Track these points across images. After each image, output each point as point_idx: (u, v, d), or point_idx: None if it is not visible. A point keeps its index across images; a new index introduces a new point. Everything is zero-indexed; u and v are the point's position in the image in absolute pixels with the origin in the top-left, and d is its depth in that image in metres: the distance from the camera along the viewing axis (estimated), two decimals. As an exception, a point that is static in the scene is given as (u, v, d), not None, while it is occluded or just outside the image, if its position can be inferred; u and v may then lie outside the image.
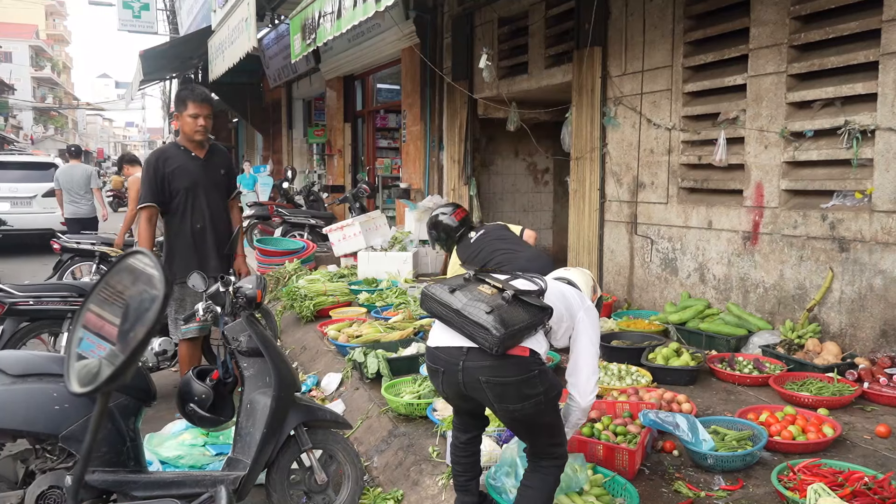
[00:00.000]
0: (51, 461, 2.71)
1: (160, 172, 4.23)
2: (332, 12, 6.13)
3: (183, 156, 4.29)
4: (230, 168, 4.53)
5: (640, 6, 5.67)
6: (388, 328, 5.16)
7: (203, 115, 4.22)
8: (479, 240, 4.84)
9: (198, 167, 4.30)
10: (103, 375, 1.48)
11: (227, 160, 4.54)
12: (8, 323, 4.61)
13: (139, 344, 1.46)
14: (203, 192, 4.29)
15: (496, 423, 3.18)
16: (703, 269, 5.27)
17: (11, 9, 52.75)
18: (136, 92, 16.92)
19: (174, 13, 20.90)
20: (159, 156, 4.30)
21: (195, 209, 4.27)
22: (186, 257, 4.24)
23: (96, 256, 7.57)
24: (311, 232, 9.97)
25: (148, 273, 1.56)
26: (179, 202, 4.25)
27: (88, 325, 1.65)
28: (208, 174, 4.33)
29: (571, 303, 2.63)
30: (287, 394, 2.97)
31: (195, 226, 4.28)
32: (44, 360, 2.74)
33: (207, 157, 4.36)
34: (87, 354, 1.60)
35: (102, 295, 1.66)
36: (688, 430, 2.98)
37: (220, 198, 4.40)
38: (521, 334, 2.34)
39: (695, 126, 5.31)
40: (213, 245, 4.32)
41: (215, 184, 4.37)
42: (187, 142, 4.30)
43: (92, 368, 1.55)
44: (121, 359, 1.47)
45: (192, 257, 4.24)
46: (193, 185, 4.26)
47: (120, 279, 1.66)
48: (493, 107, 7.90)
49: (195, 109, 4.19)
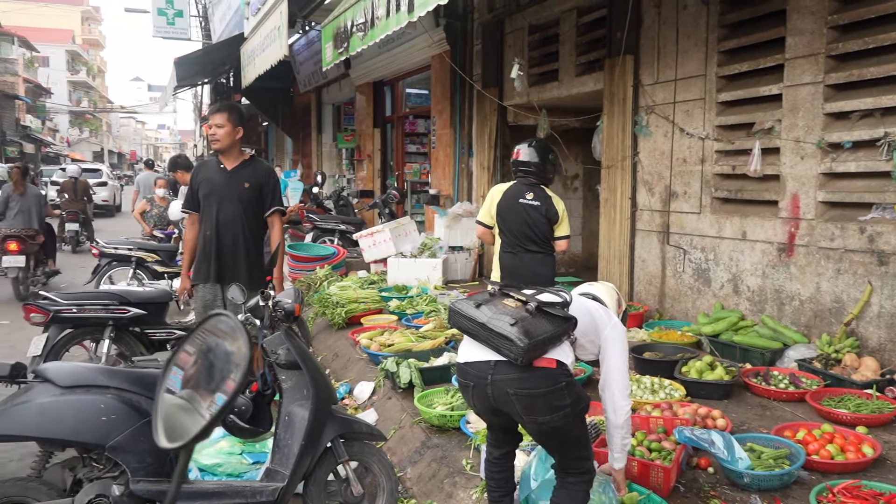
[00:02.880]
0: (97, 470, 2.78)
1: (194, 181, 4.54)
2: (365, 22, 6.20)
3: (213, 166, 4.51)
4: (263, 184, 4.50)
5: (673, 15, 5.64)
6: (420, 337, 5.19)
7: (214, 124, 4.38)
8: (524, 207, 4.62)
9: (221, 178, 4.44)
10: (189, 434, 1.53)
11: (259, 176, 4.51)
12: (52, 330, 4.73)
13: (223, 407, 1.51)
14: (217, 201, 4.42)
15: (529, 439, 3.19)
16: (736, 280, 5.23)
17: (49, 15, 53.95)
18: (170, 97, 17.20)
19: (207, 20, 21.23)
20: (199, 166, 4.62)
21: (207, 217, 4.45)
22: (199, 262, 4.51)
23: (133, 262, 7.75)
24: (341, 237, 10.06)
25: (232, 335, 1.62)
26: (202, 210, 4.49)
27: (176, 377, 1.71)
28: (229, 185, 4.43)
29: (597, 318, 2.65)
30: (324, 406, 3.02)
31: (205, 233, 4.46)
32: (92, 372, 2.83)
33: (235, 170, 4.45)
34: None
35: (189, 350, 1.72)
36: (723, 448, 2.97)
37: (237, 209, 4.43)
38: (546, 345, 2.37)
39: (728, 136, 5.27)
40: (215, 253, 4.41)
41: (235, 196, 4.43)
42: (219, 152, 4.47)
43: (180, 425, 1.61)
44: (205, 421, 1.52)
45: (203, 262, 4.47)
46: (210, 194, 4.45)
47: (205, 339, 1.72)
48: (522, 114, 7.90)
49: (210, 119, 4.44)
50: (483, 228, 4.93)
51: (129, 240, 8.46)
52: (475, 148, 8.76)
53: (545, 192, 4.68)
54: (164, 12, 20.02)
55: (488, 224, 4.87)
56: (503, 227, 4.73)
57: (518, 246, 4.67)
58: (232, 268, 4.42)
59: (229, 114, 4.40)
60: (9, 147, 39.58)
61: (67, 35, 58.09)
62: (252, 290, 3.48)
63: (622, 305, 2.94)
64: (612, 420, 2.64)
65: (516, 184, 4.73)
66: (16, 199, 9.04)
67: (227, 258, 4.42)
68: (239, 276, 4.31)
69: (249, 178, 4.47)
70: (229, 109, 4.45)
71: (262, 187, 4.51)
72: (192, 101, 34.56)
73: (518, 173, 4.73)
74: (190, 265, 4.59)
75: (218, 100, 19.67)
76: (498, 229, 4.80)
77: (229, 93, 18.73)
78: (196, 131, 40.54)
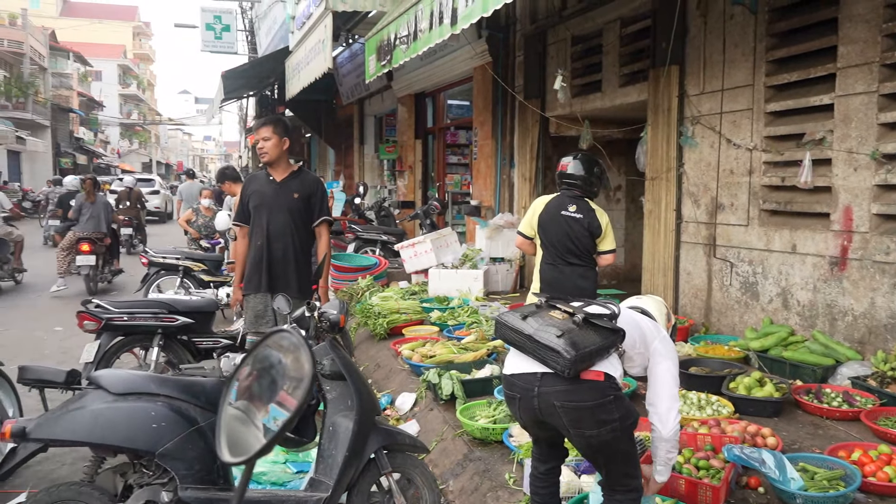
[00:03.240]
0: (147, 476, 2.84)
1: (245, 193, 4.64)
2: (408, 34, 6.26)
3: (263, 178, 4.60)
4: (311, 194, 4.58)
5: (719, 24, 5.56)
6: (462, 348, 5.19)
7: (261, 137, 4.48)
8: (566, 219, 4.60)
9: (270, 189, 4.52)
10: (252, 450, 1.56)
11: (308, 186, 4.59)
12: (104, 337, 4.86)
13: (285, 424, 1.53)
14: (266, 213, 4.49)
15: (575, 454, 3.16)
16: (786, 294, 5.10)
17: (102, 31, 55.78)
18: (217, 109, 17.62)
19: (253, 34, 21.70)
20: (250, 179, 4.70)
21: (258, 227, 4.52)
22: (250, 272, 4.57)
23: (180, 271, 7.93)
24: (382, 248, 10.13)
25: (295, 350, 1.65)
26: (252, 221, 4.57)
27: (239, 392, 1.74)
28: (278, 196, 4.50)
29: (646, 332, 2.61)
30: (368, 418, 3.04)
31: (256, 243, 4.53)
32: (143, 380, 2.89)
33: (284, 181, 4.54)
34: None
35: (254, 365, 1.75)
36: (775, 468, 2.89)
37: (287, 220, 4.51)
38: (594, 357, 2.34)
39: (778, 146, 5.16)
40: (266, 263, 4.48)
41: (285, 206, 4.50)
42: (267, 164, 4.55)
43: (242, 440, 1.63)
44: (270, 435, 1.55)
45: (254, 272, 4.54)
46: (261, 204, 4.52)
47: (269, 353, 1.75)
48: (565, 125, 7.87)
49: (259, 133, 4.52)
50: (523, 239, 4.90)
51: (177, 249, 8.66)
52: (517, 159, 8.74)
53: (588, 204, 4.63)
54: (212, 27, 20.57)
55: (529, 235, 4.84)
56: (544, 239, 4.70)
57: (559, 258, 4.63)
58: (283, 278, 4.48)
59: (275, 126, 4.49)
60: (63, 158, 40.96)
61: (119, 50, 59.99)
62: (301, 300, 3.53)
63: (671, 320, 2.88)
64: (660, 433, 2.58)
65: (560, 196, 4.70)
66: (87, 206, 10.29)
67: (278, 268, 4.49)
68: (289, 286, 4.39)
69: (298, 189, 4.54)
70: (274, 122, 4.54)
71: (310, 197, 4.58)
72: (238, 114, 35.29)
73: (563, 185, 4.70)
74: (242, 276, 4.67)
75: (263, 112, 20.09)
76: (539, 241, 4.77)
77: (274, 105, 19.08)
78: (241, 143, 41.36)
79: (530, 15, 8.31)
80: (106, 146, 55.55)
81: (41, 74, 38.59)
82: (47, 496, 2.78)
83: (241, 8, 21.88)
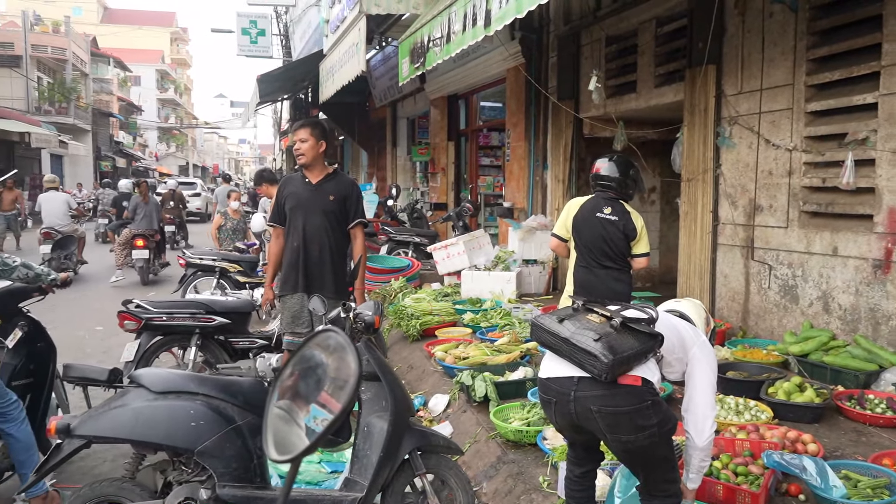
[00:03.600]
0: (186, 474, 2.89)
1: (281, 195, 4.67)
2: (442, 37, 6.27)
3: (299, 180, 4.63)
4: (346, 196, 4.61)
5: (758, 23, 5.47)
6: (495, 350, 5.18)
7: (298, 139, 4.52)
8: (601, 221, 4.54)
9: (306, 191, 4.55)
10: (297, 449, 1.58)
11: (343, 189, 4.63)
12: (144, 337, 4.96)
13: (333, 421, 1.55)
14: (303, 214, 4.52)
15: (611, 457, 3.13)
16: (826, 297, 4.99)
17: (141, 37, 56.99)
18: (252, 113, 17.86)
19: (288, 38, 21.95)
20: (286, 180, 4.73)
21: (294, 229, 4.55)
22: (286, 273, 4.60)
23: (216, 272, 8.04)
24: (415, 250, 10.16)
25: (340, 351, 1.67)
26: (288, 222, 4.59)
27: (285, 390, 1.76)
28: (314, 198, 4.53)
29: (684, 336, 2.57)
30: (402, 419, 3.05)
31: (293, 244, 4.55)
32: (182, 379, 2.94)
33: (320, 183, 4.57)
34: None
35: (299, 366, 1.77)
36: (816, 475, 2.83)
37: (323, 221, 4.53)
38: (631, 361, 2.31)
39: (818, 147, 5.05)
40: (303, 264, 4.51)
41: (320, 208, 4.53)
42: (304, 167, 4.58)
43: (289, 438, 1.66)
44: (315, 435, 1.57)
45: (291, 273, 4.56)
46: (297, 206, 4.54)
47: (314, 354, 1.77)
48: (598, 126, 7.80)
49: (297, 135, 4.55)
50: (557, 241, 4.86)
51: (213, 250, 8.79)
52: (550, 160, 8.70)
53: (624, 206, 4.59)
54: (247, 32, 20.87)
55: (564, 237, 4.80)
56: (578, 242, 4.66)
57: (593, 261, 4.59)
58: (319, 279, 4.51)
59: (312, 128, 4.52)
60: (103, 162, 41.92)
61: (157, 55, 61.21)
62: (336, 301, 3.56)
63: (710, 324, 2.84)
64: (694, 442, 2.54)
65: (594, 197, 4.65)
66: (142, 206, 11.80)
67: (315, 269, 4.52)
68: (325, 287, 4.43)
69: (334, 191, 4.57)
70: (312, 124, 4.57)
71: (346, 200, 4.61)
72: (272, 117, 35.76)
73: (597, 188, 4.66)
74: (273, 277, 4.70)
75: (297, 115, 20.31)
76: (573, 243, 4.73)
77: (308, 108, 19.28)
78: (275, 145, 41.88)
79: (564, 16, 8.27)
80: (144, 149, 56.70)
81: (83, 80, 39.54)
82: (90, 491, 2.85)
83: (276, 12, 22.14)
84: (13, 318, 3.89)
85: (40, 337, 4.04)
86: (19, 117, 27.86)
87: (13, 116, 27.02)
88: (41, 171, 31.75)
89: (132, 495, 2.85)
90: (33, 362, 3.96)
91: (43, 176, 27.68)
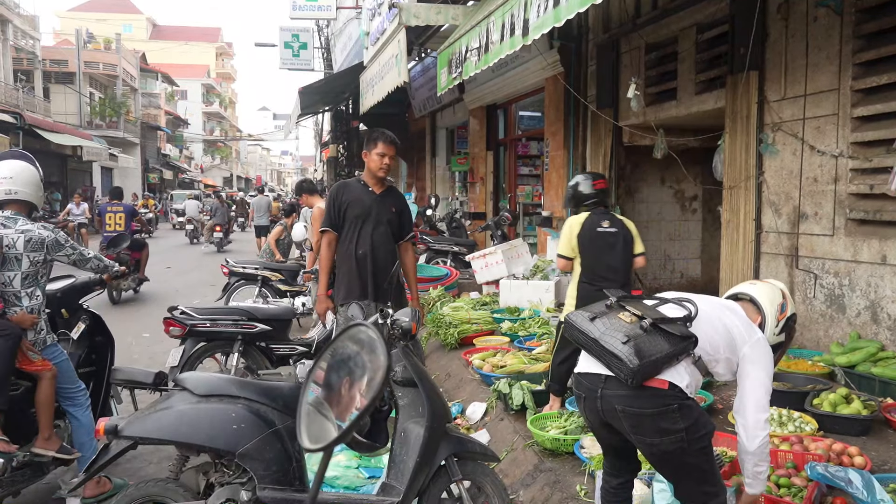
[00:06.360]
0: (227, 475, 2.95)
1: (338, 201, 4.60)
2: (480, 47, 6.31)
3: (361, 189, 4.63)
4: (404, 210, 4.71)
5: (802, 27, 5.37)
6: (532, 359, 5.17)
7: (388, 156, 4.54)
8: (602, 235, 4.56)
9: (372, 200, 4.59)
10: (329, 436, 1.62)
11: (401, 202, 4.74)
12: (188, 343, 5.10)
13: (363, 411, 1.59)
14: (370, 223, 4.55)
15: (647, 467, 3.10)
16: (875, 307, 4.86)
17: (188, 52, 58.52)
18: (294, 124, 18.17)
19: (329, 51, 22.31)
20: (341, 187, 4.71)
21: (361, 237, 4.53)
22: (347, 281, 4.54)
23: (259, 280, 8.20)
24: (454, 259, 10.20)
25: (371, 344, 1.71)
26: (349, 229, 4.56)
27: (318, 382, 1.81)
28: (379, 209, 4.59)
29: (734, 335, 2.46)
30: (439, 424, 3.06)
31: (358, 251, 4.52)
32: (225, 382, 3.02)
33: (383, 195, 4.64)
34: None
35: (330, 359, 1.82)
36: (862, 488, 2.76)
37: (386, 232, 4.59)
38: (660, 365, 2.27)
39: (865, 153, 4.93)
40: (371, 272, 4.51)
41: (385, 219, 4.59)
42: (369, 177, 4.62)
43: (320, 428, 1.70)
44: (345, 424, 1.61)
45: (354, 281, 4.51)
46: (363, 214, 4.55)
47: (345, 347, 1.82)
48: (638, 134, 7.74)
49: (383, 149, 4.52)
50: (565, 261, 4.78)
51: (255, 260, 8.96)
52: (589, 169, 8.65)
53: (615, 216, 4.70)
54: (289, 45, 21.30)
55: (570, 257, 4.74)
56: (584, 258, 4.63)
57: (598, 276, 4.53)
58: (384, 287, 4.54)
59: (396, 147, 4.62)
60: (150, 174, 43.11)
61: (203, 70, 62.80)
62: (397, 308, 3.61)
63: (786, 311, 2.66)
64: (744, 446, 2.45)
65: (590, 215, 4.67)
66: (218, 207, 20.17)
67: (381, 277, 4.54)
68: (389, 295, 4.51)
69: (395, 204, 4.68)
70: (393, 139, 4.62)
71: (402, 213, 4.71)
72: (313, 128, 36.32)
73: (585, 206, 4.70)
74: (328, 284, 4.64)
75: (338, 126, 20.58)
76: (578, 260, 4.70)
77: (348, 119, 19.54)
78: (316, 156, 42.47)
79: (603, 24, 8.24)
80: (190, 162, 58.09)
81: (132, 95, 40.81)
82: (136, 491, 2.93)
83: (317, 26, 22.55)
84: (76, 313, 4.34)
85: (100, 330, 4.47)
86: (72, 132, 28.91)
87: (67, 131, 28.05)
88: (92, 182, 32.86)
89: (176, 496, 2.92)
90: (94, 353, 4.40)
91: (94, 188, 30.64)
